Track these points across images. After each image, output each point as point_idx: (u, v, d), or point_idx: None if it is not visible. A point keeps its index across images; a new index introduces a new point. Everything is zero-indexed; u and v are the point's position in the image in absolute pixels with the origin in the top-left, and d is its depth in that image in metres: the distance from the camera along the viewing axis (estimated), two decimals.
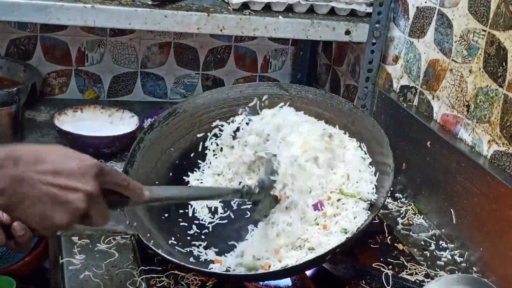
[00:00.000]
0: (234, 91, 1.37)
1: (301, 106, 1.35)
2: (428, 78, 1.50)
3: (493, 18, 1.28)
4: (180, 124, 1.33)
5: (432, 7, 1.48)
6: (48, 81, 1.88)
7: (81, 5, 1.42)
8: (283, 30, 1.57)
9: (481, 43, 1.32)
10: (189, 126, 1.34)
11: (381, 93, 1.65)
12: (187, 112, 1.34)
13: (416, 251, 1.32)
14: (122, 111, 1.67)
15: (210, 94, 1.38)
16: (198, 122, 1.35)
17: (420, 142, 1.46)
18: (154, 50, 1.94)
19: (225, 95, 1.37)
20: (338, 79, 1.96)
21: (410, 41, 1.57)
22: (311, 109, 1.33)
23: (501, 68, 1.26)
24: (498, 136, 1.28)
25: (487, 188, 1.26)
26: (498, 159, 1.28)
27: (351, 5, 1.63)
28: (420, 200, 1.48)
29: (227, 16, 1.52)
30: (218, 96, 1.37)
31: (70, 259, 1.17)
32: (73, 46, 1.87)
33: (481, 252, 1.28)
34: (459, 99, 1.39)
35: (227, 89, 1.40)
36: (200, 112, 1.36)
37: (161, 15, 1.47)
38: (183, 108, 1.34)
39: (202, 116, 1.36)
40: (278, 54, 2.06)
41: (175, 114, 1.33)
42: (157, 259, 1.18)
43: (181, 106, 1.34)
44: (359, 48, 1.82)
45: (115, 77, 1.94)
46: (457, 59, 1.40)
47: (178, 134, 1.33)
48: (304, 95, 1.35)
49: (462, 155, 1.34)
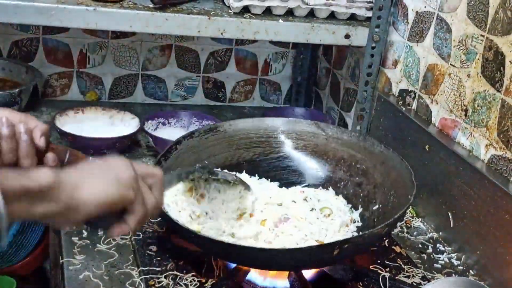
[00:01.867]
0: (275, 123, 1.45)
1: (335, 146, 1.41)
2: (427, 82, 1.51)
3: (491, 23, 1.29)
4: (218, 142, 1.39)
5: (431, 12, 1.49)
6: (49, 82, 1.89)
7: (83, 8, 1.44)
8: (284, 33, 1.58)
9: (479, 48, 1.33)
10: (226, 146, 1.40)
11: (380, 97, 1.66)
12: (226, 132, 1.41)
13: (413, 254, 1.33)
14: (123, 113, 1.68)
15: (251, 121, 1.45)
16: (235, 145, 1.41)
17: (419, 145, 1.47)
18: (155, 52, 1.95)
19: (265, 125, 1.44)
20: (338, 82, 1.97)
21: (409, 45, 1.58)
22: (344, 150, 1.40)
23: (498, 73, 1.27)
24: (495, 141, 1.29)
25: (485, 191, 1.27)
26: (495, 163, 1.29)
27: (351, 9, 1.64)
28: (418, 203, 1.49)
29: (228, 19, 1.54)
30: (259, 125, 1.44)
31: (70, 259, 1.18)
32: (75, 48, 1.88)
33: (478, 255, 1.29)
34: (457, 104, 1.40)
35: (269, 120, 1.46)
36: (239, 136, 1.42)
37: (162, 18, 1.49)
38: (224, 128, 1.41)
39: (240, 140, 1.42)
40: (278, 57, 2.07)
41: (216, 131, 1.40)
42: (157, 259, 1.19)
43: (222, 126, 1.42)
44: (359, 52, 1.83)
45: (116, 79, 1.95)
46: (455, 64, 1.41)
47: (215, 150, 1.39)
48: (339, 136, 1.42)
49: (460, 159, 1.35)
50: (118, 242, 1.24)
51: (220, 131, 1.40)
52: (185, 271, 1.17)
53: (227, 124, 1.42)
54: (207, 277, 1.16)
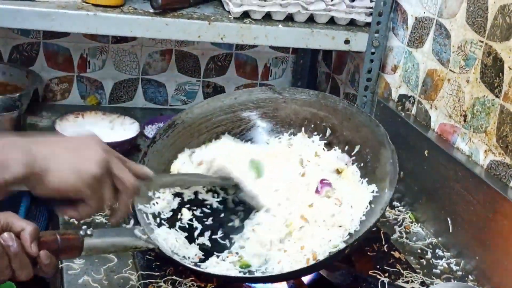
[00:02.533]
0: (228, 99, 1.39)
1: (295, 107, 1.36)
2: (426, 88, 1.52)
3: (490, 29, 1.30)
4: (179, 135, 1.35)
5: (431, 17, 1.50)
6: (50, 87, 1.90)
7: (84, 13, 1.44)
8: (283, 38, 1.59)
9: (478, 53, 1.33)
10: (189, 136, 1.36)
11: (380, 102, 1.66)
12: (185, 122, 1.35)
13: (412, 259, 1.33)
14: (123, 117, 1.68)
15: (206, 103, 1.39)
16: (197, 132, 1.36)
17: (418, 151, 1.47)
18: (156, 57, 1.96)
19: (220, 102, 1.39)
20: (337, 87, 1.97)
21: (409, 50, 1.59)
22: (305, 109, 1.35)
23: (497, 78, 1.28)
24: (494, 146, 1.29)
25: (484, 197, 1.27)
26: (494, 169, 1.29)
27: (350, 14, 1.65)
28: (417, 209, 1.49)
29: (228, 24, 1.54)
30: (214, 105, 1.39)
31: (69, 264, 1.18)
32: (76, 52, 1.89)
33: (477, 260, 1.29)
34: (456, 109, 1.41)
35: (222, 96, 1.41)
36: (198, 122, 1.37)
37: (163, 23, 1.49)
38: (182, 119, 1.35)
39: (201, 125, 1.37)
40: (278, 62, 2.07)
41: (174, 126, 1.34)
42: (156, 264, 1.19)
43: (179, 118, 1.35)
44: (358, 57, 1.83)
45: (117, 83, 1.96)
46: (454, 69, 1.41)
47: (179, 145, 1.34)
48: (298, 97, 1.37)
49: (459, 164, 1.35)
50: None
51: (179, 123, 1.35)
52: (184, 276, 1.17)
53: (184, 114, 1.36)
54: (206, 281, 1.16)
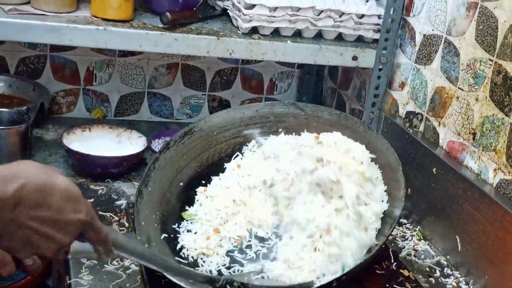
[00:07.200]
0: (250, 110, 1.39)
1: (316, 125, 1.36)
2: (435, 105, 1.52)
3: (500, 48, 1.30)
4: (196, 143, 1.34)
5: (439, 35, 1.50)
6: (56, 99, 1.90)
7: (94, 27, 1.44)
8: (291, 54, 1.59)
9: (488, 72, 1.33)
10: (205, 145, 1.35)
11: (387, 118, 1.66)
12: (203, 131, 1.35)
13: (421, 278, 1.33)
14: (130, 131, 1.68)
15: (226, 113, 1.38)
16: (215, 141, 1.36)
17: (426, 168, 1.47)
18: (162, 70, 1.96)
19: (241, 114, 1.38)
20: (343, 103, 1.97)
21: (417, 68, 1.59)
22: (326, 129, 1.35)
23: (507, 97, 1.28)
24: (504, 165, 1.29)
25: (493, 216, 1.27)
26: (504, 188, 1.29)
27: (358, 31, 1.65)
28: (425, 226, 1.48)
29: (237, 40, 1.54)
30: (234, 115, 1.38)
31: (78, 280, 1.17)
32: (82, 65, 1.89)
33: (486, 279, 1.29)
34: (465, 127, 1.41)
35: (244, 108, 1.41)
36: (216, 131, 1.36)
37: (172, 38, 1.49)
38: (199, 127, 1.34)
39: (218, 135, 1.36)
40: (284, 77, 2.08)
41: (191, 133, 1.33)
42: (165, 281, 1.18)
43: (197, 125, 1.34)
44: (365, 72, 1.83)
45: (123, 96, 1.96)
46: (463, 87, 1.42)
47: (194, 152, 1.33)
48: (319, 115, 1.37)
49: (468, 182, 1.35)
50: (126, 263, 1.23)
51: (196, 131, 1.34)
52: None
53: (202, 122, 1.36)
54: None
